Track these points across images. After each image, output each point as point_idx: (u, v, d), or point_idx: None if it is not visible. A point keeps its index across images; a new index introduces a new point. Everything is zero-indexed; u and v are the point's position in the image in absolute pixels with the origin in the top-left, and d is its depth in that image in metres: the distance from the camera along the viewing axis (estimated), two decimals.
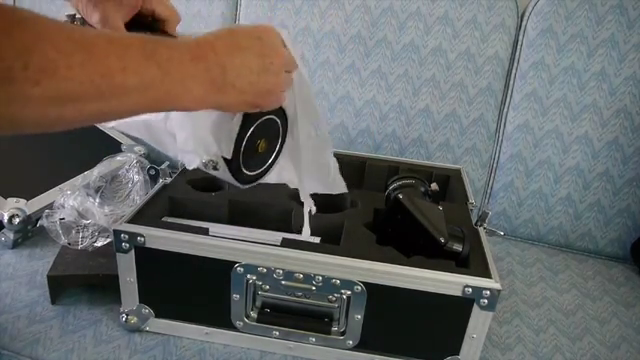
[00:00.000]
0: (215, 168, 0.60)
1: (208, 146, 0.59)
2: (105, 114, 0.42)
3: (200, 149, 0.59)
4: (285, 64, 0.55)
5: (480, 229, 0.76)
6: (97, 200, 0.87)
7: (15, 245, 0.87)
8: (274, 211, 0.79)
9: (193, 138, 0.59)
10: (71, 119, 0.39)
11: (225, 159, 0.59)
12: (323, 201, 0.79)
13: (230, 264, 0.67)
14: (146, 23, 0.61)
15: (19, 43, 0.34)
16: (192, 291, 0.70)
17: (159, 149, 0.63)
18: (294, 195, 0.80)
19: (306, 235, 0.74)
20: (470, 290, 0.63)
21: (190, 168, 0.61)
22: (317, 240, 0.74)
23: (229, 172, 0.60)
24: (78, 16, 0.62)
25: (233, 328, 0.71)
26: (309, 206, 0.74)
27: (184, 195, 0.80)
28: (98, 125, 1.13)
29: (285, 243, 0.68)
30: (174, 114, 0.59)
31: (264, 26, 0.55)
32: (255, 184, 0.65)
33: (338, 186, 0.78)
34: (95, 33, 0.41)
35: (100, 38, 0.40)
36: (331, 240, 0.73)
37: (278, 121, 0.62)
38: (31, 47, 0.34)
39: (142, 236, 0.66)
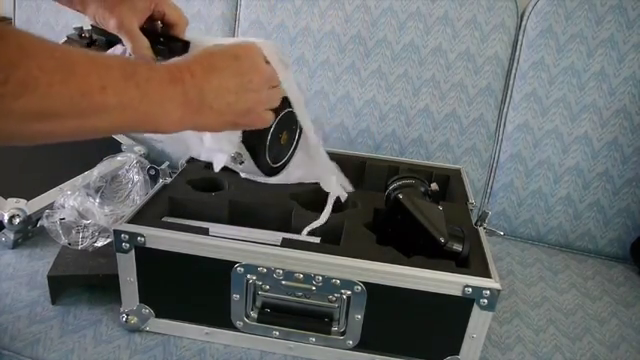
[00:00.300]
0: (242, 162, 0.61)
1: (235, 141, 0.61)
2: (84, 131, 0.43)
3: (228, 145, 0.61)
4: (267, 80, 0.55)
5: (480, 229, 0.76)
6: (97, 200, 0.87)
7: (15, 245, 0.87)
8: (274, 211, 0.79)
9: (221, 135, 0.61)
10: (51, 134, 0.40)
11: (251, 152, 0.60)
12: (323, 201, 0.79)
13: (230, 264, 0.67)
14: (155, 28, 0.62)
15: (1, 58, 0.34)
16: (192, 291, 0.70)
17: (177, 150, 0.64)
18: (294, 195, 0.81)
19: (323, 219, 0.75)
20: (470, 290, 0.63)
21: (218, 169, 0.63)
22: (317, 240, 0.74)
23: (255, 164, 0.61)
24: (86, 28, 0.62)
25: (233, 328, 0.71)
26: (339, 194, 0.76)
27: (184, 195, 0.80)
28: None
29: (285, 243, 0.68)
30: None
31: (243, 44, 0.55)
32: (278, 175, 0.67)
33: (346, 186, 0.80)
34: (77, 52, 0.42)
35: (82, 57, 0.41)
36: (331, 240, 0.73)
37: (295, 113, 0.64)
38: (13, 62, 0.35)
39: (142, 236, 0.66)
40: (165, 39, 0.60)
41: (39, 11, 1.25)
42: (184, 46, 0.61)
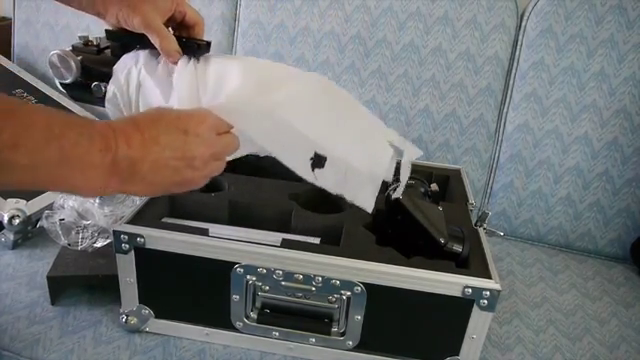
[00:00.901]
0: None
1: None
2: None
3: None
4: (213, 155, 0.52)
5: (480, 229, 0.76)
6: (97, 201, 0.87)
7: (15, 246, 0.87)
8: (274, 211, 0.79)
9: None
10: None
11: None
12: (322, 201, 0.79)
13: (230, 265, 0.67)
14: (174, 28, 0.62)
15: None
16: (192, 292, 0.70)
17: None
18: (294, 195, 0.81)
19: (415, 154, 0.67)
20: (470, 291, 0.63)
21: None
22: (317, 241, 0.74)
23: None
24: (92, 38, 0.62)
25: (233, 329, 0.71)
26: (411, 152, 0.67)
27: (184, 195, 0.80)
28: None
29: (285, 244, 0.68)
30: None
31: (196, 116, 0.51)
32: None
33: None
34: (2, 105, 0.40)
35: (2, 112, 0.39)
36: (331, 241, 0.73)
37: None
38: None
39: (142, 237, 0.66)
40: (186, 39, 0.61)
41: (39, 11, 1.25)
42: (207, 45, 0.61)
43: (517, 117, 1.04)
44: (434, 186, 0.83)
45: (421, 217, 0.68)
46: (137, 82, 0.57)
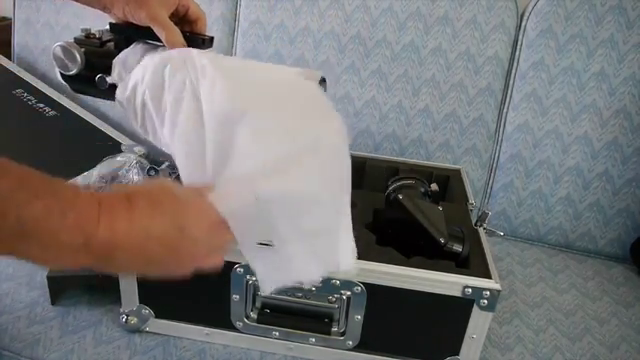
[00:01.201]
0: None
1: None
2: None
3: None
4: (211, 253, 0.47)
5: (480, 229, 0.76)
6: None
7: None
8: None
9: None
10: None
11: None
12: None
13: (230, 265, 0.67)
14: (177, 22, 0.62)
15: None
16: (192, 292, 0.70)
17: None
18: None
19: None
20: (470, 291, 0.63)
21: None
22: None
23: None
24: (93, 31, 0.62)
25: (233, 329, 0.71)
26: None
27: None
28: (98, 125, 1.13)
29: None
30: None
31: (196, 213, 0.44)
32: None
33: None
34: None
35: None
36: None
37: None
38: None
39: None
40: (190, 34, 0.61)
41: (39, 11, 1.25)
42: (211, 40, 0.61)
43: (517, 117, 1.04)
44: (434, 186, 0.83)
45: (421, 217, 0.68)
46: (142, 100, 0.57)
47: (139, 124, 0.58)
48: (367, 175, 0.94)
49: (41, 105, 1.14)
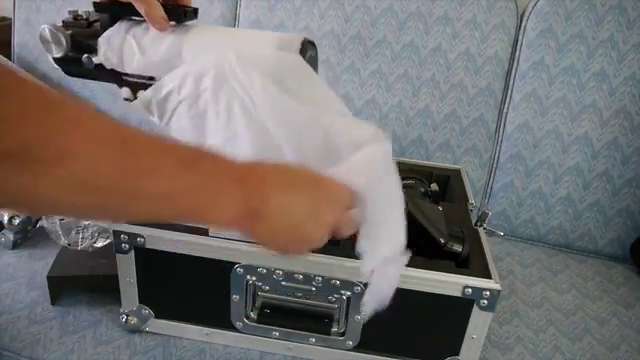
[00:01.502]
0: None
1: None
2: (126, 213, 0.40)
3: None
4: (335, 224, 0.49)
5: (480, 229, 0.76)
6: None
7: (15, 246, 0.87)
8: None
9: None
10: (86, 209, 0.38)
11: None
12: None
13: (230, 265, 0.67)
14: None
15: (43, 124, 0.32)
16: (192, 292, 0.70)
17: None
18: None
19: None
20: (470, 291, 0.63)
21: None
22: None
23: None
24: (80, 12, 0.62)
25: (233, 329, 0.71)
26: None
27: None
28: None
29: None
30: None
31: (332, 186, 0.48)
32: None
33: None
34: (134, 131, 0.38)
35: (137, 137, 0.38)
36: (331, 240, 0.72)
37: None
38: (56, 130, 0.33)
39: (142, 237, 0.66)
40: (172, 6, 0.60)
41: (39, 11, 1.25)
42: (194, 12, 0.60)
43: (517, 117, 1.04)
44: (434, 186, 0.83)
45: (421, 217, 0.68)
46: (174, 107, 0.57)
47: (164, 123, 0.58)
48: None
49: None
